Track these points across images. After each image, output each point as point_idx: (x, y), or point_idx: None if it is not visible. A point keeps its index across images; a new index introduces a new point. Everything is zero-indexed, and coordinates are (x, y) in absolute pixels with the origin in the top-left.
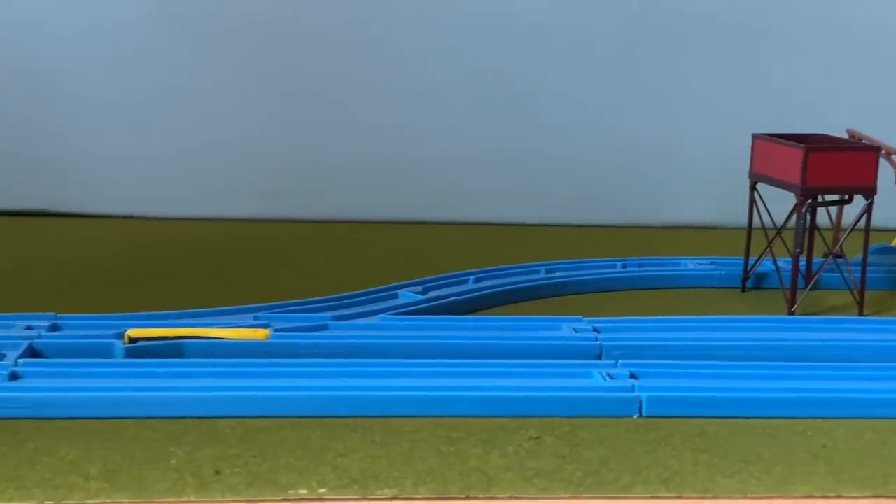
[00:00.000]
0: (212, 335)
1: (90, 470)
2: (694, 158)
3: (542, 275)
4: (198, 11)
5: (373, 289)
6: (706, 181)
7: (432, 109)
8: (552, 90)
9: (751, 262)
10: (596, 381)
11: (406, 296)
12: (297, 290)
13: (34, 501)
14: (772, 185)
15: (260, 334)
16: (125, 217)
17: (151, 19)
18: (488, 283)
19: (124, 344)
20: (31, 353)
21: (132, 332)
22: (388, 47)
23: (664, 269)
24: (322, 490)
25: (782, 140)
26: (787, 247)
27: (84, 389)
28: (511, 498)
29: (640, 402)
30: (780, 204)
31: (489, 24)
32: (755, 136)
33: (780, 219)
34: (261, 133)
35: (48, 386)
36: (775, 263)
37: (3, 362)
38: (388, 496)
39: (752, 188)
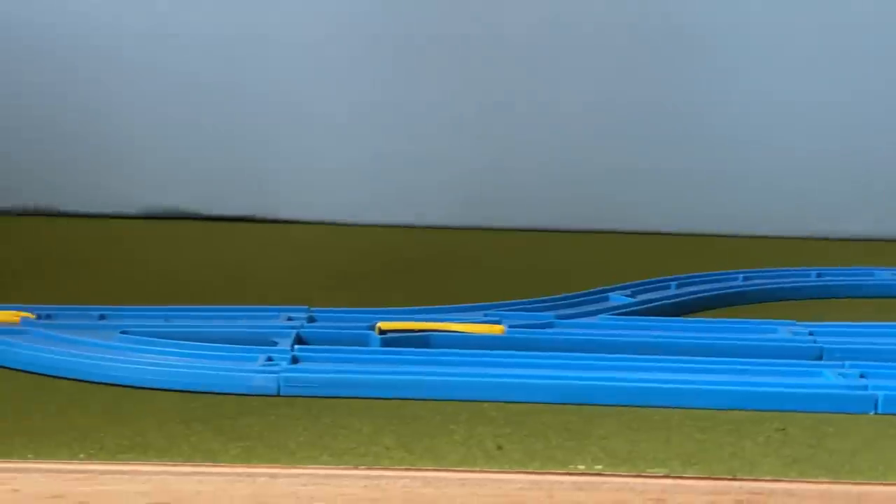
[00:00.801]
0: (454, 329)
1: (386, 441)
2: (859, 168)
3: (741, 282)
4: (397, 27)
5: (584, 291)
6: (871, 192)
7: (612, 122)
8: (730, 110)
9: None
10: (829, 379)
11: (617, 298)
12: (501, 293)
13: (349, 466)
14: None
15: (496, 329)
16: (329, 223)
17: (354, 35)
18: (691, 288)
19: (378, 335)
20: (299, 340)
21: (382, 325)
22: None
23: (859, 278)
24: (598, 466)
25: None
26: None
27: (360, 372)
28: (775, 480)
29: (876, 400)
30: None
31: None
32: None
33: None
34: (453, 144)
35: (328, 368)
36: None
37: (281, 348)
38: (661, 474)
39: None
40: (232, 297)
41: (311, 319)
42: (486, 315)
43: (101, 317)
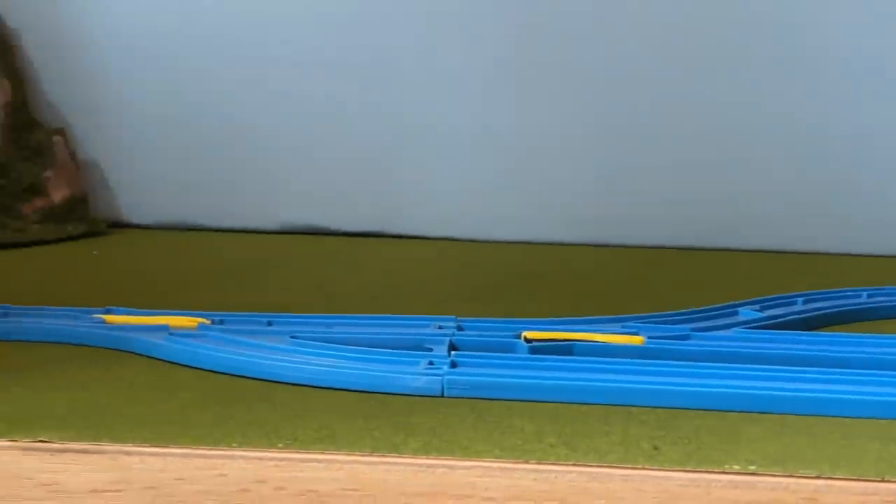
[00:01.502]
0: (597, 339)
1: (550, 439)
2: None
3: (864, 299)
4: (521, 54)
5: (714, 306)
6: None
7: (733, 143)
8: (854, 129)
9: None
10: None
11: (746, 313)
12: (629, 306)
13: (520, 460)
14: None
15: (636, 340)
16: (453, 239)
17: (480, 61)
18: (817, 304)
19: (524, 343)
20: (452, 347)
21: (528, 334)
22: (691, 82)
23: None
24: (752, 467)
25: None
26: None
27: (516, 376)
28: None
29: None
30: None
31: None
32: None
33: None
34: (575, 164)
35: (486, 372)
36: None
37: (438, 353)
38: (812, 475)
39: None
40: (375, 306)
41: (459, 328)
42: (623, 327)
43: (269, 323)
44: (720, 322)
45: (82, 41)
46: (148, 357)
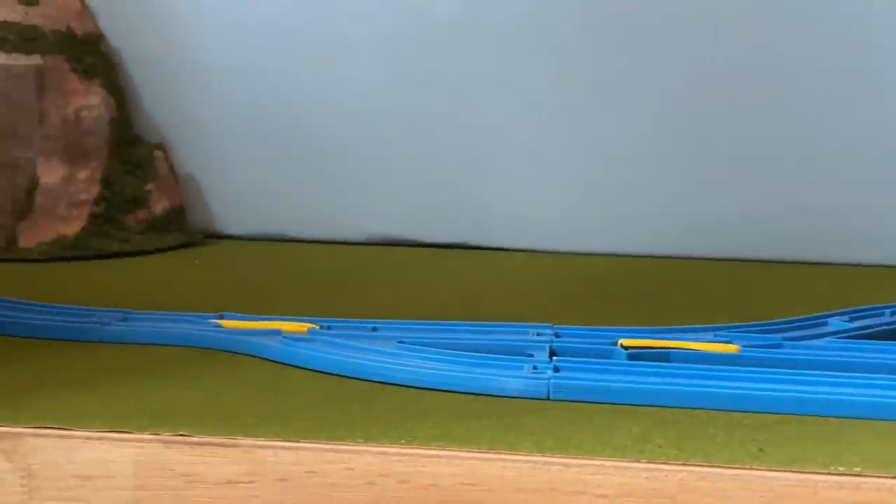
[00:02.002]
0: (692, 347)
1: (657, 441)
2: None
3: None
4: (605, 70)
5: (804, 317)
6: None
7: (818, 156)
8: None
9: None
10: None
11: (836, 323)
12: (718, 316)
13: (631, 459)
14: None
15: (731, 348)
16: (537, 251)
17: (565, 76)
18: None
19: (622, 350)
20: (551, 353)
21: (625, 341)
22: (781, 95)
23: None
24: (857, 468)
25: None
26: None
27: (619, 381)
28: None
29: None
30: None
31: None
32: None
33: None
34: (659, 176)
35: (589, 377)
36: None
37: (540, 359)
38: None
39: None
40: (468, 314)
41: (556, 335)
42: (715, 335)
43: (374, 329)
44: (811, 332)
45: (180, 60)
46: (263, 359)
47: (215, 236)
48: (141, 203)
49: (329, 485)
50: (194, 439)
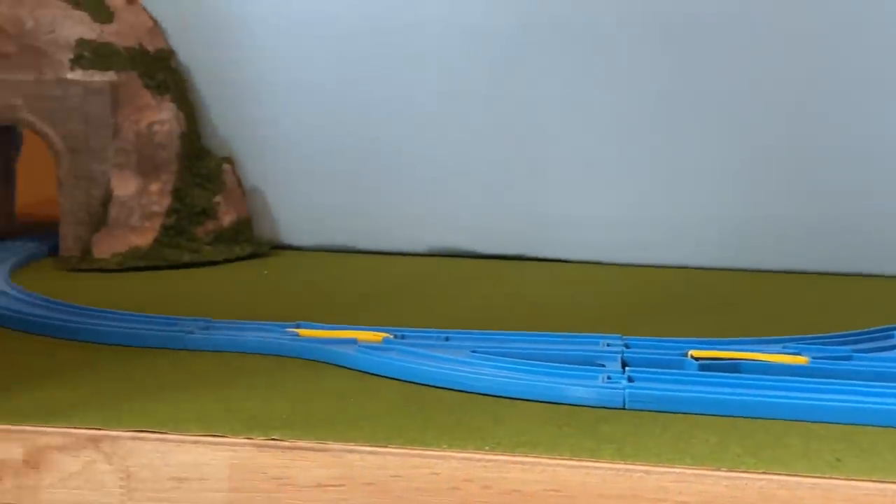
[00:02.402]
0: (763, 358)
1: (735, 450)
2: None
3: None
4: (669, 86)
5: (870, 329)
6: None
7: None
8: None
9: None
10: None
11: None
12: (780, 329)
13: (712, 467)
14: None
15: (801, 360)
16: (595, 263)
17: (628, 92)
18: None
19: (693, 361)
20: (623, 363)
21: (695, 353)
22: (837, 111)
23: None
24: None
25: None
26: None
27: (694, 391)
28: None
29: None
30: None
31: None
32: None
33: None
34: (718, 189)
35: (664, 387)
36: None
37: (613, 369)
38: None
39: None
40: (533, 324)
41: (626, 346)
42: (784, 347)
43: (447, 338)
44: (881, 344)
45: (247, 76)
46: (342, 367)
47: (279, 247)
48: (210, 215)
49: (414, 489)
50: (286, 443)
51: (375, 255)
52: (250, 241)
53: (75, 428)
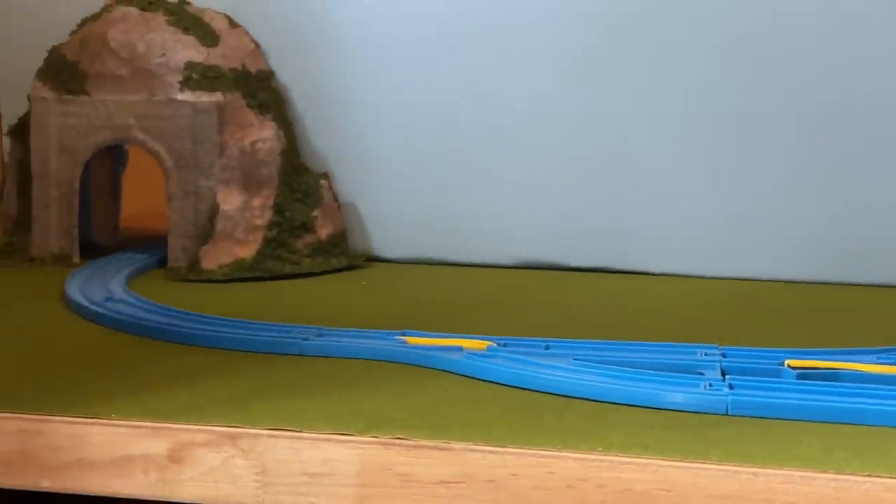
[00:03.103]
0: (859, 368)
1: (839, 454)
2: None
3: None
4: (746, 102)
5: None
6: None
7: None
8: None
9: None
10: None
11: None
12: (870, 340)
13: (818, 470)
14: None
15: (894, 370)
16: (680, 275)
17: (703, 107)
18: None
19: (790, 370)
20: (722, 372)
21: (791, 362)
22: None
23: None
24: None
25: None
26: None
27: (796, 399)
28: None
29: None
30: None
31: None
32: None
33: None
34: (801, 202)
35: (765, 395)
36: None
37: (713, 377)
38: None
39: None
40: (626, 334)
41: (723, 355)
42: (878, 357)
43: (547, 347)
44: None
45: (342, 95)
46: (450, 373)
47: (372, 259)
48: (308, 228)
49: (531, 487)
50: (410, 442)
51: (464, 266)
52: (346, 254)
53: (215, 426)
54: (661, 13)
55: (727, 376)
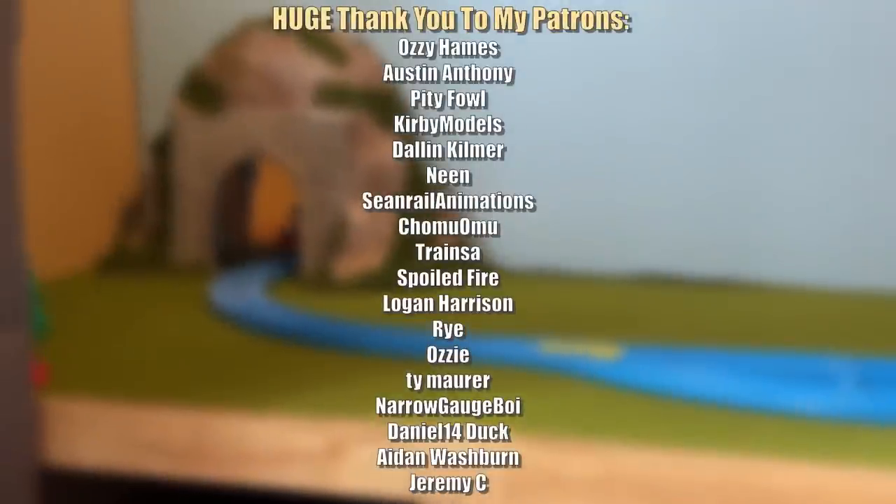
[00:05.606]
0: None
1: None
2: None
3: None
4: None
5: None
6: None
7: None
8: None
9: None
10: None
11: None
12: None
13: None
14: None
15: None
16: (805, 287)
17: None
18: None
19: None
20: (860, 381)
21: None
22: None
23: None
24: None
25: None
26: None
27: None
28: None
29: None
30: None
31: None
32: None
33: None
34: None
35: None
36: None
37: (849, 385)
38: None
39: None
40: (757, 342)
41: (858, 365)
42: None
43: (680, 355)
44: None
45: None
46: (588, 379)
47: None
48: (434, 240)
49: (678, 488)
50: (557, 443)
51: (585, 276)
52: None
53: (371, 422)
54: (791, 21)
55: (867, 386)
